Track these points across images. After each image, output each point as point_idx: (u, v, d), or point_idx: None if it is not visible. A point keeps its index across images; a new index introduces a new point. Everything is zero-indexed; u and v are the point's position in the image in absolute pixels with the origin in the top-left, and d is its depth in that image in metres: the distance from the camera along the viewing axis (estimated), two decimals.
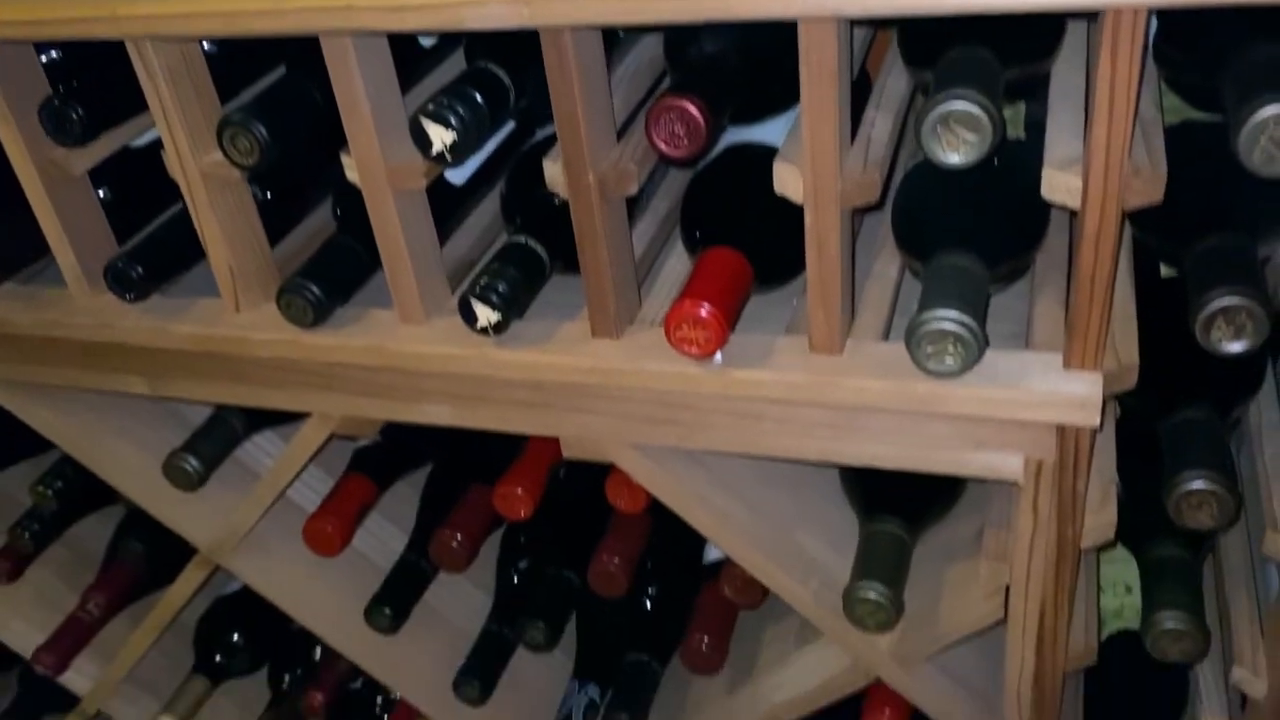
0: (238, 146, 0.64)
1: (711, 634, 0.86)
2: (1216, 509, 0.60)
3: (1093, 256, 0.54)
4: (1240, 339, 0.55)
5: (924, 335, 0.57)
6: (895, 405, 0.62)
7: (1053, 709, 0.74)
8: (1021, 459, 0.62)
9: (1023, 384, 0.59)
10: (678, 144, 0.56)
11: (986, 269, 0.60)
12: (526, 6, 0.55)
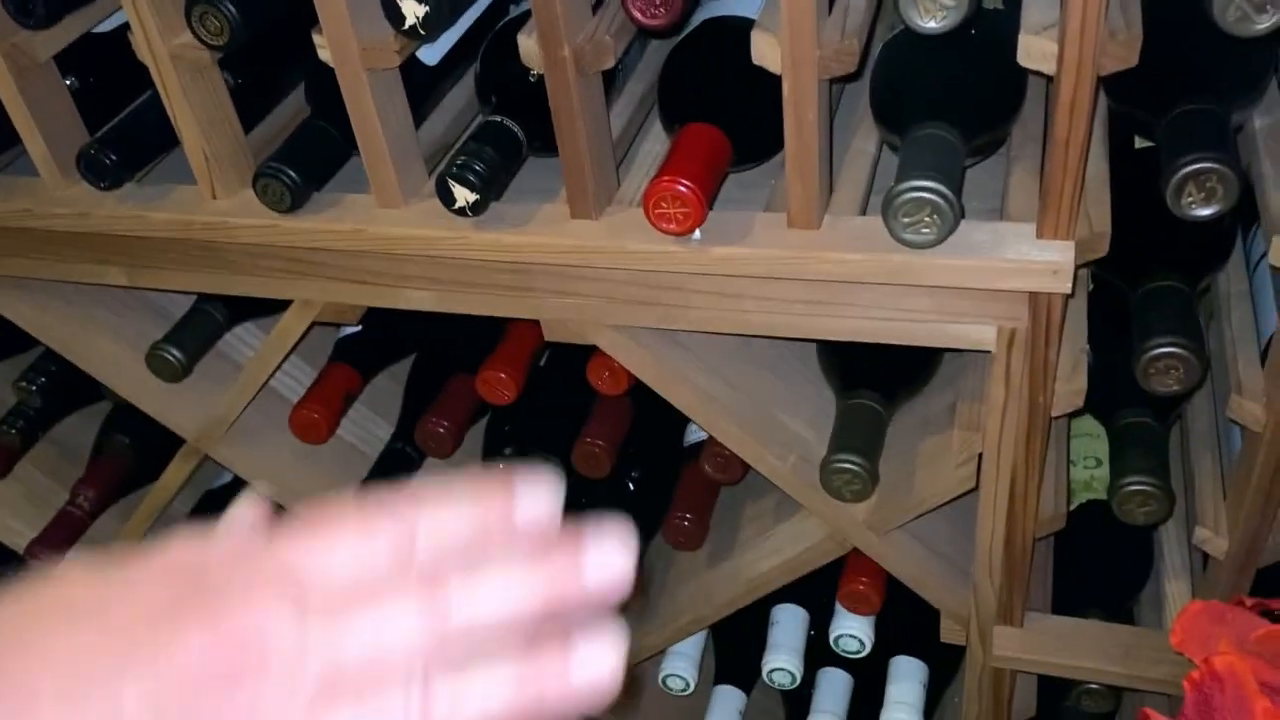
0: (207, 26, 0.63)
1: (693, 511, 0.88)
2: (1183, 372, 0.62)
3: (1067, 123, 0.54)
4: (1211, 203, 0.56)
5: (900, 205, 0.57)
6: (872, 278, 0.63)
7: (1022, 573, 0.77)
8: (995, 328, 0.63)
9: (997, 253, 0.60)
10: (654, 13, 0.56)
11: (963, 140, 0.60)
12: None
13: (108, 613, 0.30)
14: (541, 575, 0.32)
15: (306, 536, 0.33)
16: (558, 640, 0.32)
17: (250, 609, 0.30)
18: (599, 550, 0.33)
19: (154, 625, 0.30)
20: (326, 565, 0.32)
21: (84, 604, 0.31)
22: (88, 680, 0.29)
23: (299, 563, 0.32)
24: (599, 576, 0.33)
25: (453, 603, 0.32)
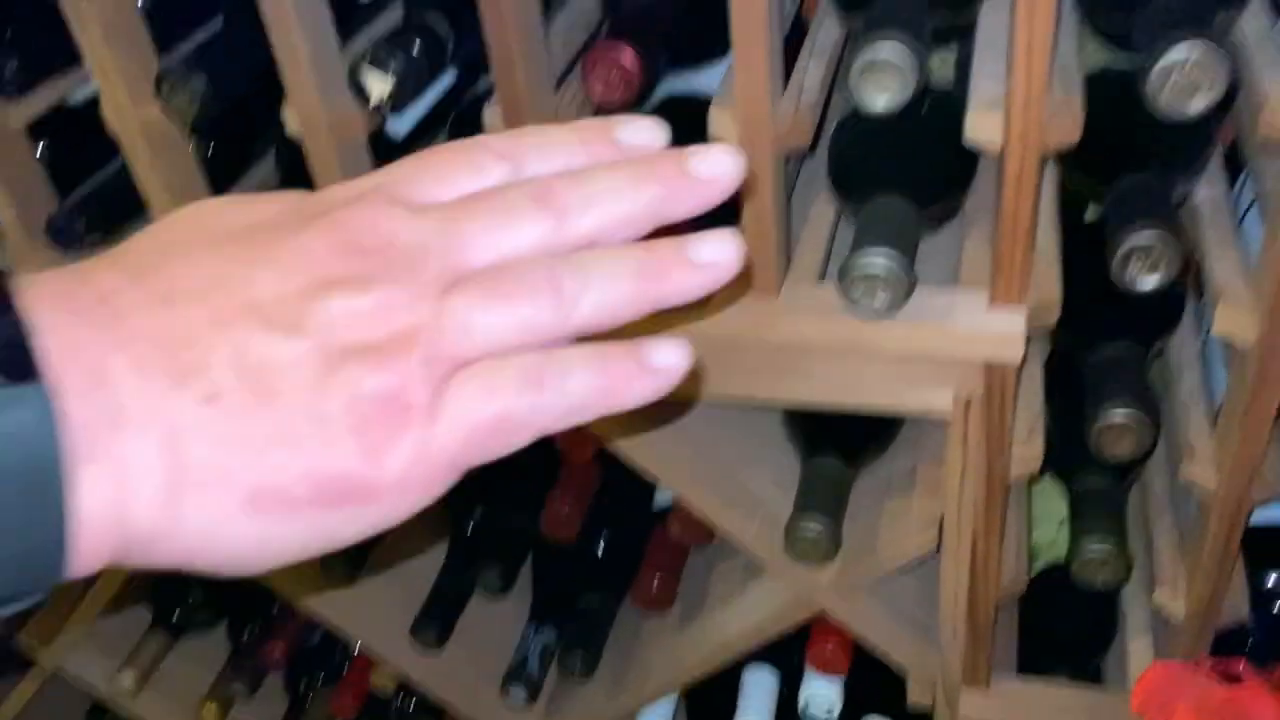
0: (176, 99, 0.64)
1: (662, 574, 0.89)
2: (1136, 440, 0.63)
3: (1014, 196, 0.56)
4: (1154, 275, 0.57)
5: (855, 276, 0.59)
6: (830, 346, 0.64)
7: (986, 635, 0.77)
8: (950, 395, 0.64)
9: (949, 322, 0.61)
10: (613, 89, 0.57)
11: (917, 211, 0.62)
12: None
13: (237, 225, 0.31)
14: (652, 176, 0.32)
15: (412, 164, 0.33)
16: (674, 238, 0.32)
17: (369, 211, 0.30)
18: (706, 153, 0.32)
19: (278, 229, 0.30)
20: (437, 182, 0.32)
21: (214, 222, 0.31)
22: (228, 278, 0.29)
23: (410, 178, 0.32)
24: (708, 173, 0.32)
25: (568, 206, 0.31)
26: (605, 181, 0.32)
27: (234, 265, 0.29)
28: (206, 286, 0.29)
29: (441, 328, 0.30)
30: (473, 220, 0.31)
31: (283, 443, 0.28)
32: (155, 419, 0.27)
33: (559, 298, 0.30)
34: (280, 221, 0.31)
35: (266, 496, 0.28)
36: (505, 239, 0.31)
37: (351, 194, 0.31)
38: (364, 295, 0.29)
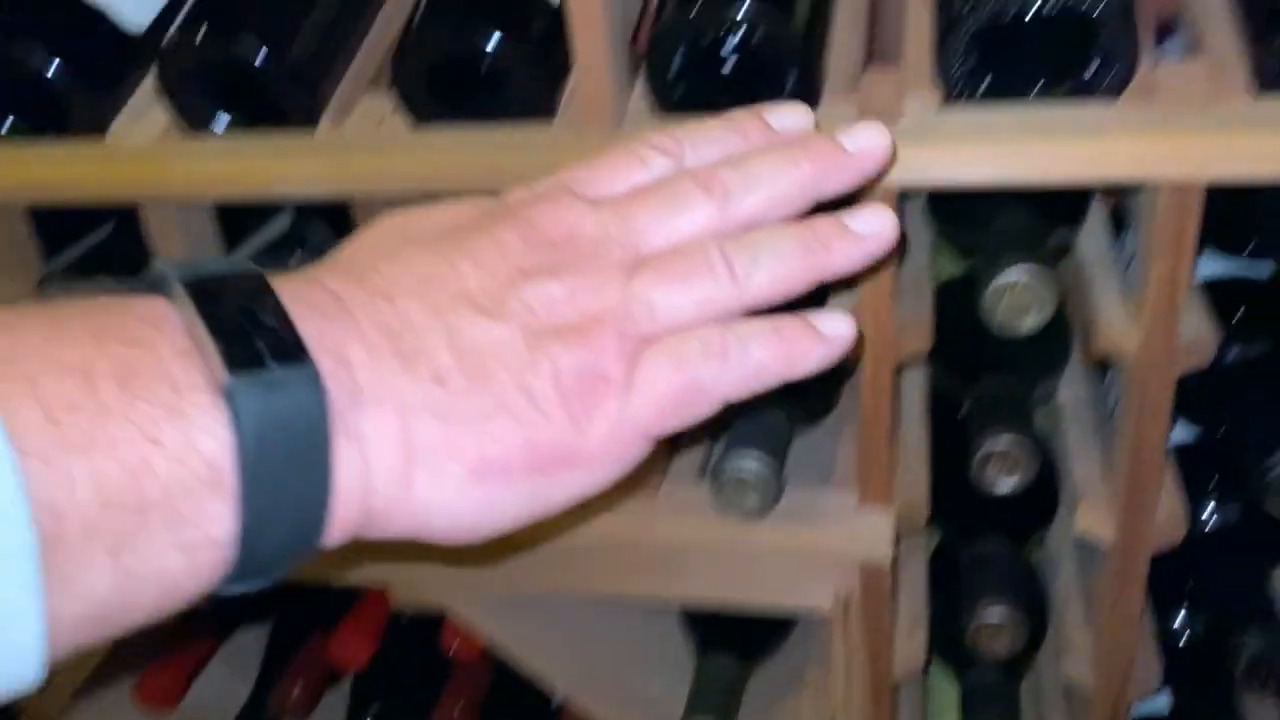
0: None
1: None
2: (1011, 638, 0.64)
3: (872, 402, 0.58)
4: (1012, 478, 0.59)
5: (725, 479, 0.60)
6: (708, 546, 0.64)
7: None
8: (829, 594, 0.65)
9: (821, 522, 0.62)
10: None
11: (788, 413, 0.63)
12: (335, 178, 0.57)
13: (435, 228, 0.34)
14: (805, 155, 0.35)
15: (583, 166, 0.36)
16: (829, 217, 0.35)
17: (550, 208, 0.34)
18: (855, 130, 0.36)
19: (473, 229, 0.33)
20: (609, 179, 0.35)
21: (414, 228, 0.34)
22: (436, 274, 0.32)
23: (583, 177, 0.36)
24: (858, 148, 0.35)
25: (730, 189, 0.34)
26: (763, 164, 0.35)
27: (441, 262, 0.32)
28: (419, 282, 0.32)
29: (628, 308, 0.33)
30: (646, 209, 0.34)
31: (499, 415, 0.31)
32: (389, 398, 0.30)
33: (732, 275, 0.33)
34: (474, 222, 0.34)
35: (489, 465, 0.31)
36: (676, 224, 0.34)
37: (532, 194, 0.35)
38: (557, 282, 0.32)
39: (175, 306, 0.29)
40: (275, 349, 0.28)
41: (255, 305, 0.29)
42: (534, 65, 0.55)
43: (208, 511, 0.27)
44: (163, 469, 0.27)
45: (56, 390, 0.26)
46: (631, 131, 0.54)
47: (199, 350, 0.28)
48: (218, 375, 0.27)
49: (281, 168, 0.58)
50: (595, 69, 0.53)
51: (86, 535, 0.26)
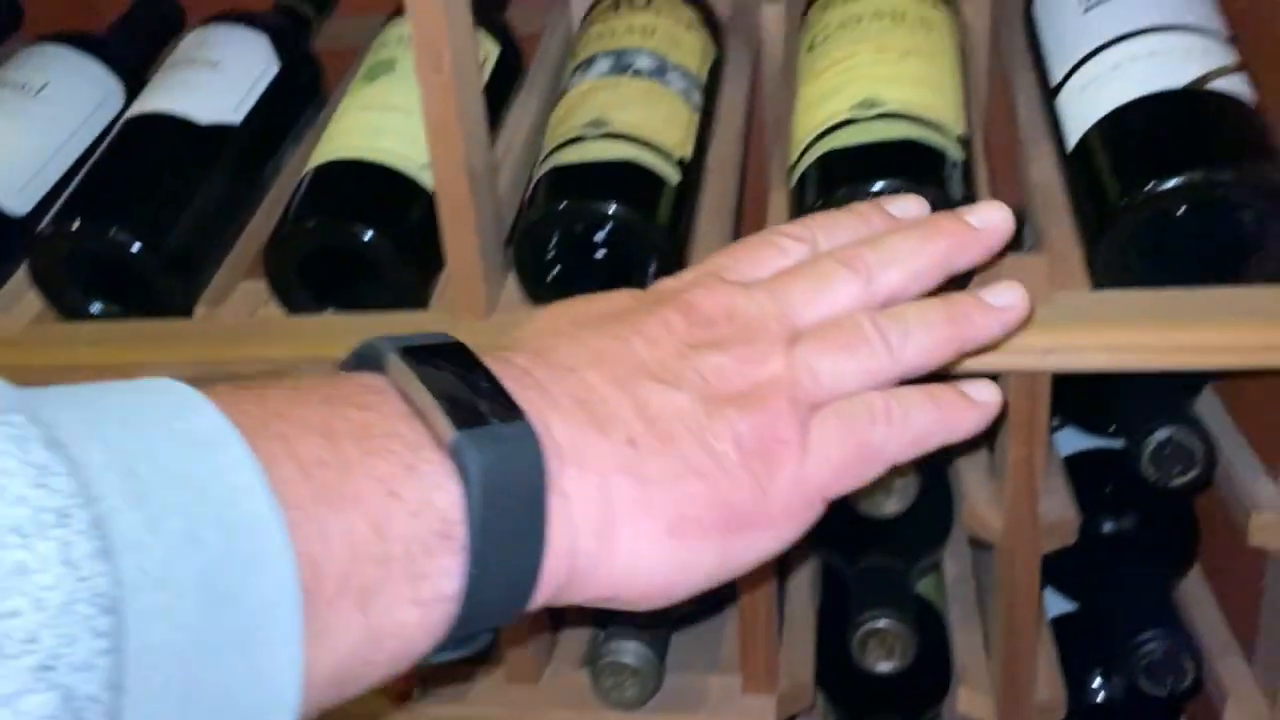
0: None
1: None
2: None
3: (751, 593, 0.58)
4: (891, 659, 0.58)
5: (603, 668, 0.58)
6: None
7: None
8: None
9: (703, 710, 0.60)
10: None
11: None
12: None
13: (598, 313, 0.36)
14: (938, 233, 0.37)
15: (726, 254, 0.39)
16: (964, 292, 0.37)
17: (706, 291, 0.36)
18: (978, 208, 0.38)
19: (637, 312, 0.35)
20: (752, 265, 0.37)
21: (578, 314, 0.36)
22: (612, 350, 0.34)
23: (728, 265, 0.38)
24: (984, 224, 0.38)
25: (871, 265, 0.36)
26: (899, 242, 0.37)
27: (614, 340, 0.34)
28: (598, 358, 0.33)
29: (795, 376, 0.34)
30: (796, 287, 0.36)
31: (690, 476, 0.32)
32: (589, 459, 0.31)
33: (888, 346, 0.35)
34: (635, 307, 0.36)
35: (685, 524, 0.32)
36: (826, 299, 0.36)
37: (684, 282, 0.37)
38: (724, 353, 0.34)
39: (390, 375, 0.31)
40: (493, 408, 0.30)
41: (466, 370, 0.31)
42: (406, 258, 0.55)
43: (440, 565, 0.28)
44: (402, 523, 0.28)
45: (307, 448, 0.27)
46: (503, 321, 0.55)
47: (422, 412, 0.29)
48: (444, 433, 0.29)
49: (152, 354, 0.57)
50: (466, 261, 0.54)
51: (340, 589, 0.26)
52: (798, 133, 0.56)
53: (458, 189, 0.52)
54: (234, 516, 0.25)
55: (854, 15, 0.59)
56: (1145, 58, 0.52)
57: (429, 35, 0.50)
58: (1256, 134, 0.49)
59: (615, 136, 0.55)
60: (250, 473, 0.25)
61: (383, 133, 0.59)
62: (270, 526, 0.25)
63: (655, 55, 0.60)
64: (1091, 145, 0.52)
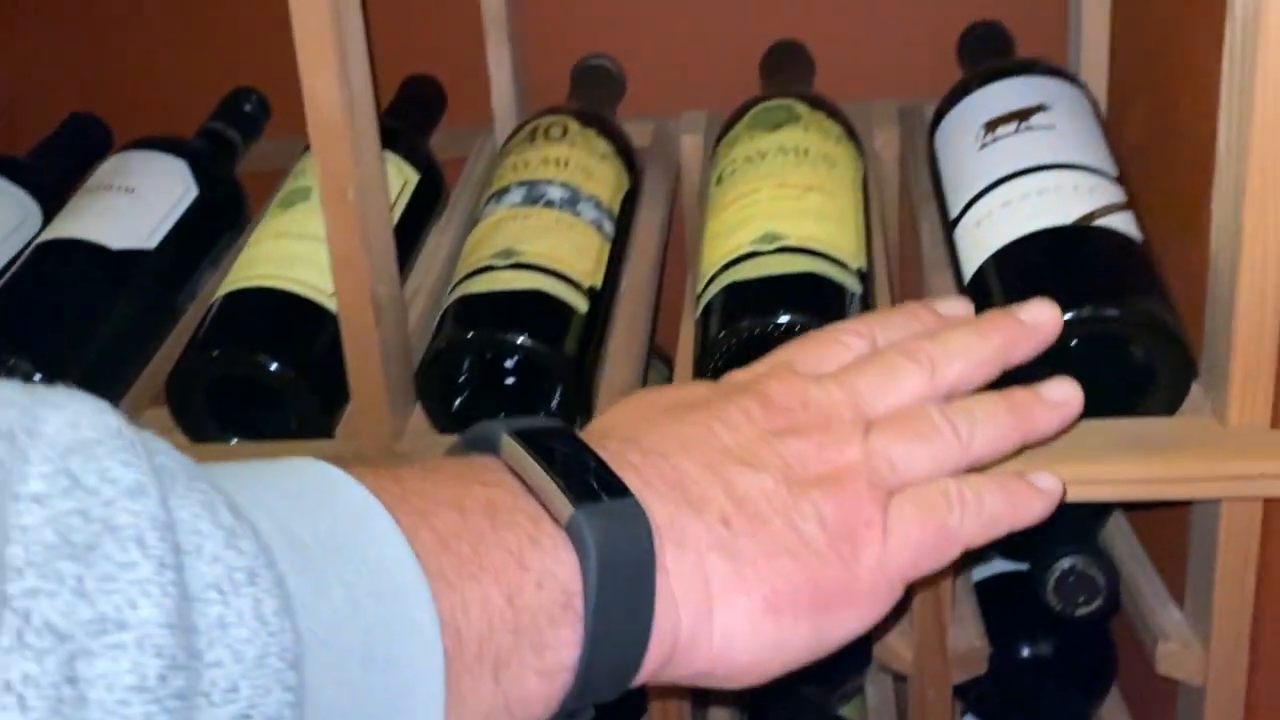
0: None
1: None
2: None
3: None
4: None
5: None
6: None
7: None
8: None
9: None
10: None
11: None
12: None
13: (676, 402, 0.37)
14: (993, 329, 0.40)
15: (794, 349, 0.40)
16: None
17: (780, 382, 0.37)
18: (1030, 305, 0.41)
19: (714, 401, 0.37)
20: (818, 358, 0.39)
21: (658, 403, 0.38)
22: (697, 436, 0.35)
23: (795, 358, 0.39)
24: (1035, 320, 0.40)
25: (934, 358, 0.38)
26: (959, 337, 0.39)
27: (697, 428, 0.36)
28: (684, 443, 0.35)
29: (873, 462, 0.36)
30: (864, 378, 0.38)
31: (781, 554, 0.33)
32: (686, 538, 0.32)
33: (957, 436, 0.37)
34: (711, 397, 0.37)
35: (780, 599, 0.33)
36: (894, 390, 0.38)
37: (757, 374, 0.39)
38: (805, 439, 0.36)
39: (504, 455, 0.32)
40: (604, 485, 0.31)
41: (574, 451, 0.32)
42: (312, 388, 0.55)
43: (561, 636, 0.30)
44: (531, 594, 0.29)
45: (443, 521, 0.29)
46: (409, 451, 0.54)
47: (538, 489, 0.31)
48: (560, 509, 0.30)
49: None
50: (370, 391, 0.53)
51: (478, 656, 0.28)
52: (705, 264, 0.57)
53: (361, 318, 0.52)
54: (386, 585, 0.26)
55: (759, 151, 0.60)
56: (1035, 195, 0.53)
57: (334, 166, 0.51)
58: (1143, 270, 0.51)
59: (524, 266, 0.56)
60: (398, 545, 0.27)
61: (295, 261, 0.59)
62: (420, 596, 0.27)
63: (567, 186, 0.61)
64: (986, 279, 0.53)
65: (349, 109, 0.50)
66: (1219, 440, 0.47)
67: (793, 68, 0.76)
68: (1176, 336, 0.48)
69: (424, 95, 0.80)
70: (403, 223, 0.66)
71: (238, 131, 0.79)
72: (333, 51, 0.49)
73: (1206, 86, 0.49)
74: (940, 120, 0.63)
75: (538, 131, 0.66)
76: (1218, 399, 0.49)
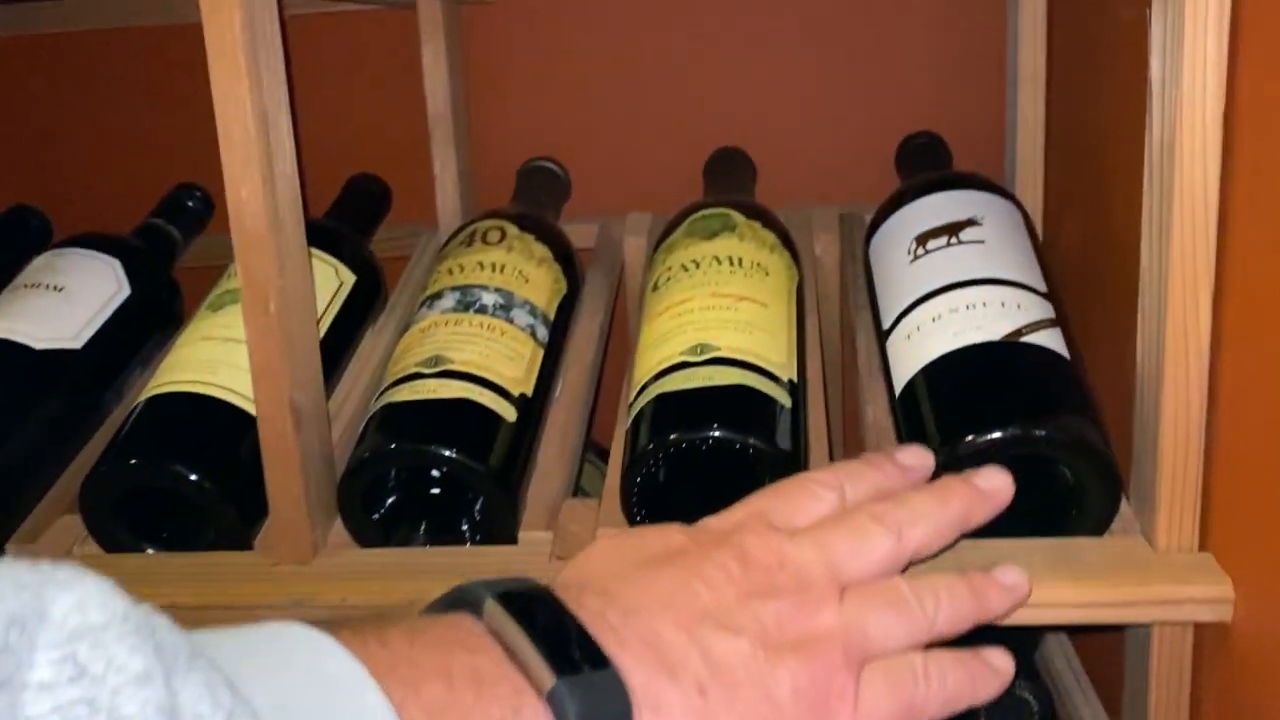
0: None
1: None
2: None
3: None
4: None
5: None
6: None
7: None
8: None
9: None
10: None
11: None
12: None
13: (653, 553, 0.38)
14: (953, 495, 0.41)
15: (768, 498, 0.41)
16: None
17: (757, 537, 0.38)
18: (985, 472, 0.43)
19: (691, 554, 0.37)
20: (792, 510, 0.40)
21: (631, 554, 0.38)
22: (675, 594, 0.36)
23: (771, 509, 0.40)
24: (990, 487, 0.42)
25: (901, 523, 0.39)
26: (923, 505, 0.41)
27: (675, 584, 0.36)
28: (662, 601, 0.35)
29: (848, 630, 0.36)
30: (839, 540, 0.39)
31: None
32: (663, 705, 0.33)
33: (924, 611, 0.38)
34: (689, 548, 0.38)
35: None
36: (865, 552, 0.39)
37: (733, 523, 0.39)
38: (782, 601, 0.36)
39: (487, 619, 0.33)
40: (584, 654, 0.32)
41: (556, 617, 0.33)
42: (230, 499, 0.54)
43: None
44: None
45: (431, 693, 0.29)
46: (327, 566, 0.53)
47: (520, 656, 0.32)
48: (542, 680, 0.31)
49: None
50: (288, 504, 0.52)
51: None
52: (637, 372, 0.56)
53: (280, 428, 0.51)
54: None
55: (693, 259, 0.60)
56: (964, 309, 0.53)
57: (257, 276, 0.50)
58: (1071, 388, 0.51)
59: (452, 374, 0.55)
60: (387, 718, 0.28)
61: (219, 366, 0.58)
62: None
63: (502, 291, 0.61)
64: (916, 393, 0.52)
65: (274, 219, 0.50)
66: (1147, 564, 0.47)
67: (734, 173, 0.77)
68: (1104, 458, 0.47)
69: (368, 194, 0.80)
70: (337, 325, 0.65)
71: (178, 228, 0.78)
72: (258, 163, 0.49)
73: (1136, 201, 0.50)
74: (875, 230, 0.64)
75: (475, 235, 0.66)
76: (1145, 520, 0.48)
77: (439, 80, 0.79)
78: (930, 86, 0.83)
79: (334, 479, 0.55)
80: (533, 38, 0.85)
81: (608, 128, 0.86)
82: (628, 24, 0.85)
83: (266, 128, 0.49)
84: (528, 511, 0.55)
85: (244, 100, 0.48)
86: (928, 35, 0.83)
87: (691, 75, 0.85)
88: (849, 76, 0.84)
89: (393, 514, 0.54)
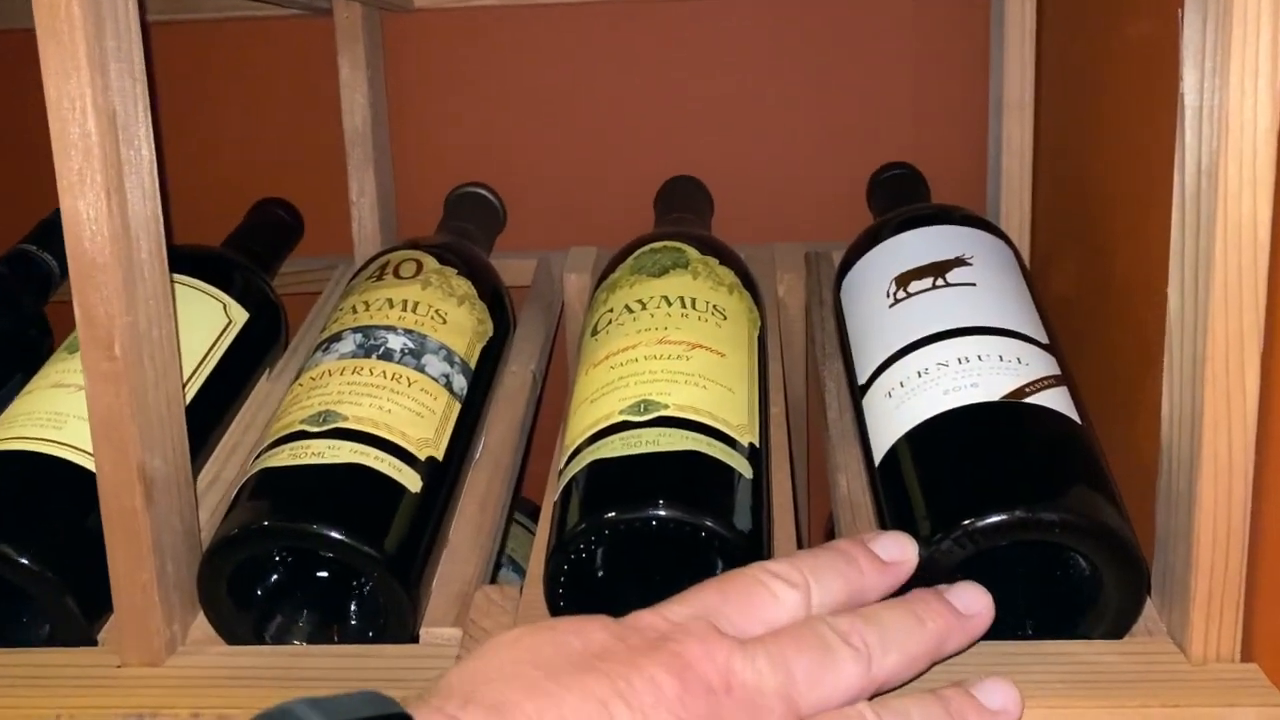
0: None
1: None
2: None
3: None
4: None
5: None
6: None
7: None
8: None
9: None
10: None
11: None
12: None
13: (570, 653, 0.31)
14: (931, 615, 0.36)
15: (716, 594, 0.34)
16: None
17: (700, 645, 0.32)
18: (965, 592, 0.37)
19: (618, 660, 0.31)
20: (744, 612, 0.34)
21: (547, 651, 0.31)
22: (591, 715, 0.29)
23: (719, 609, 0.34)
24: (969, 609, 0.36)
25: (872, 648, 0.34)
26: (898, 627, 0.35)
27: (592, 703, 0.29)
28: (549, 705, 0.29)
29: None
30: (800, 660, 0.32)
31: None
32: None
33: None
34: (614, 651, 0.31)
35: None
36: (829, 681, 0.32)
37: (672, 623, 0.33)
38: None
39: None
40: None
41: None
42: (67, 587, 0.44)
43: None
44: None
45: None
46: (185, 667, 0.43)
47: None
48: None
49: None
50: (136, 592, 0.42)
51: None
52: (570, 433, 0.47)
53: (126, 501, 0.41)
54: None
55: (639, 299, 0.52)
56: (955, 364, 0.45)
57: (97, 312, 0.40)
58: (1084, 461, 0.42)
59: (343, 434, 0.46)
60: None
61: (69, 419, 0.48)
62: None
63: (413, 334, 0.52)
64: (899, 463, 0.44)
65: (121, 242, 0.40)
66: (1185, 679, 0.38)
67: (689, 204, 0.69)
68: (1128, 547, 0.39)
69: (274, 220, 0.71)
70: (223, 372, 0.56)
71: (55, 256, 0.68)
72: (100, 172, 0.39)
73: (1144, 239, 0.42)
74: (848, 270, 0.55)
75: (387, 268, 0.57)
76: (1177, 623, 0.40)
77: (357, 94, 0.70)
78: (903, 114, 0.76)
79: (197, 561, 0.45)
80: (464, 49, 0.77)
81: (549, 152, 0.78)
82: (574, 36, 0.77)
83: (115, 130, 0.40)
84: (433, 600, 0.46)
85: (82, 93, 0.39)
86: (900, 58, 0.76)
87: (645, 96, 0.77)
88: (815, 101, 0.77)
89: (268, 602, 0.45)
